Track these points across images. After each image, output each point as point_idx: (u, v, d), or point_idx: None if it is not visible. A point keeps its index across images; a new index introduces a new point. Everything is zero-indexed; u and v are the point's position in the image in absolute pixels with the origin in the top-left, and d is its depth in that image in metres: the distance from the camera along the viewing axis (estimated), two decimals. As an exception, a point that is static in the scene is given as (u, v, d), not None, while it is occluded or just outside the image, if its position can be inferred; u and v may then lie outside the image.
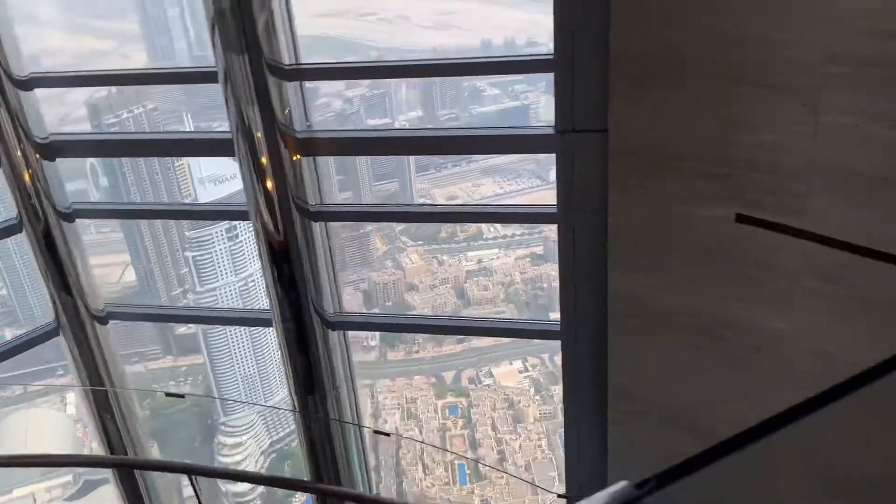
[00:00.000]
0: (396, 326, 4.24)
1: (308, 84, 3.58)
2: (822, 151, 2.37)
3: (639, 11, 2.57)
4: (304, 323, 3.83)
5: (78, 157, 4.56)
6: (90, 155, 4.63)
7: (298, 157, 3.50)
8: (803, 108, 2.36)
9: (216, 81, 3.30)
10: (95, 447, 4.94)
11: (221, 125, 3.53)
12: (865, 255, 2.37)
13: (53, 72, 4.21)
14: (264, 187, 3.38)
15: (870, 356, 2.55)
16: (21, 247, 4.67)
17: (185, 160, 9.63)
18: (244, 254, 10.96)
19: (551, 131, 3.16)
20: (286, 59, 3.30)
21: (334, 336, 4.07)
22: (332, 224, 3.95)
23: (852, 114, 2.24)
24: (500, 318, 3.72)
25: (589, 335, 3.57)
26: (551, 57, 2.98)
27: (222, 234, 10.66)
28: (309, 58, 3.46)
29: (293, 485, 4.21)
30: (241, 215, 3.64)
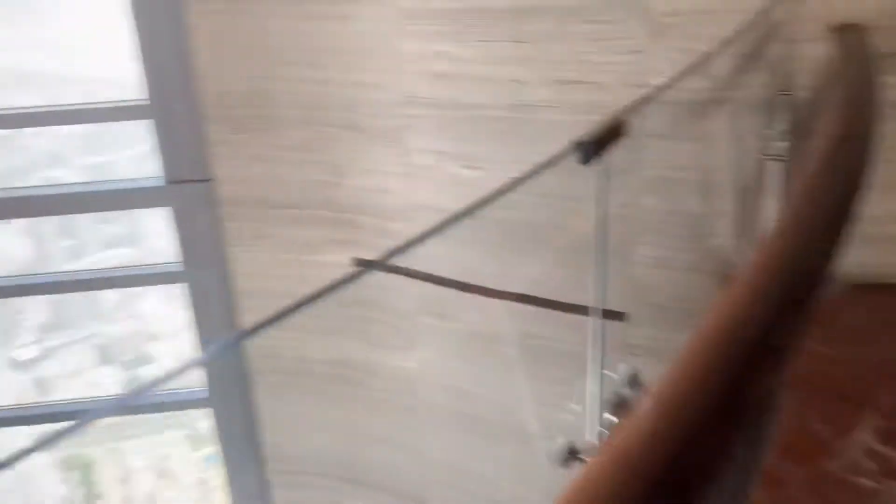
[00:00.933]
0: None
1: None
2: (416, 191, 2.39)
3: (222, 54, 2.41)
4: None
5: None
6: None
7: None
8: (394, 150, 2.36)
9: None
10: None
11: None
12: (467, 291, 2.43)
13: None
14: None
15: (489, 383, 2.63)
16: None
17: None
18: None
19: (162, 183, 2.87)
20: None
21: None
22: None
23: (432, 153, 2.28)
24: (142, 392, 3.33)
25: (239, 397, 3.32)
26: (148, 103, 2.70)
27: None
28: None
29: None
30: None
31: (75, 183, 3.06)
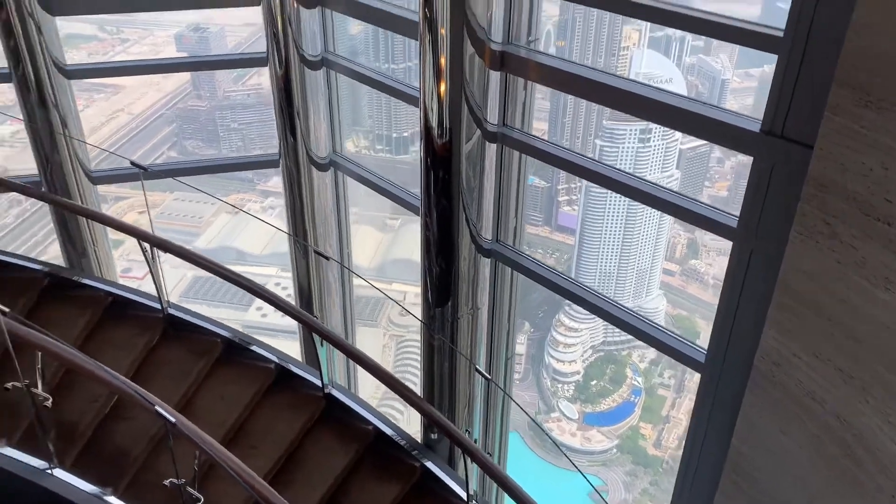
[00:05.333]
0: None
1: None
2: None
3: (890, 5, 1.78)
4: (451, 239, 3.66)
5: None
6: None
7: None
8: None
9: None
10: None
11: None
12: None
13: None
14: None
15: None
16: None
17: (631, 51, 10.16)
18: (649, 160, 10.78)
19: (755, 128, 2.46)
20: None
21: (485, 262, 3.85)
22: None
23: None
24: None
25: (735, 374, 2.91)
26: (780, 35, 2.26)
27: (635, 134, 10.57)
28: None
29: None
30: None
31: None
